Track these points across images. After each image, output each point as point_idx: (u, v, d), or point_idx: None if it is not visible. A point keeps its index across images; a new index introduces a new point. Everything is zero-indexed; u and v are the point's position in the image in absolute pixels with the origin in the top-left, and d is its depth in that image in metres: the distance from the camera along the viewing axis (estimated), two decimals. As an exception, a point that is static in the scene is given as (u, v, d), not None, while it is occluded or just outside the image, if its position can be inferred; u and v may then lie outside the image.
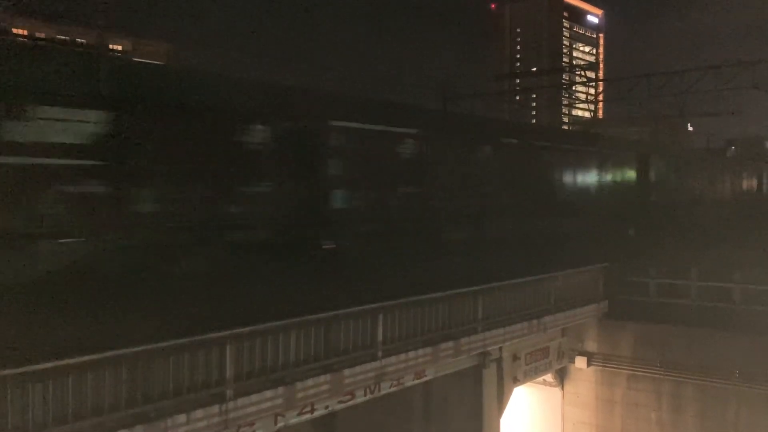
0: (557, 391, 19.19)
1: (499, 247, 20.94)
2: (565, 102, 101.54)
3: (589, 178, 30.31)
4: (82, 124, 12.74)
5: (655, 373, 17.39)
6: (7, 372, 7.32)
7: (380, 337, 11.91)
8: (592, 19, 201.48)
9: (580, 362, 18.41)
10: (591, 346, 18.52)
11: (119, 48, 76.64)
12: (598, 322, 18.39)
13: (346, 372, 11.26)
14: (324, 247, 17.14)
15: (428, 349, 12.92)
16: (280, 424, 10.49)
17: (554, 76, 75.94)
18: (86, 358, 7.94)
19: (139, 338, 8.57)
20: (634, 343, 17.89)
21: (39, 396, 7.66)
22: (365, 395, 12.01)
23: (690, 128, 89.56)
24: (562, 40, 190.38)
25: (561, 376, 19.06)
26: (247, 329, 9.69)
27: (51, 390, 7.73)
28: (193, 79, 16.93)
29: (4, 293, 10.70)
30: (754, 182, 52.38)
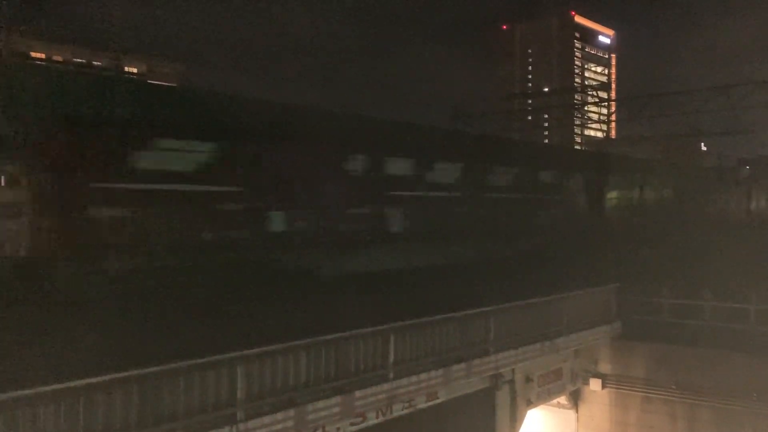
0: (571, 413, 18.96)
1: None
2: (577, 122, 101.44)
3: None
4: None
5: (670, 396, 17.15)
6: (18, 393, 7.35)
7: (392, 358, 11.85)
8: (604, 40, 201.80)
9: (594, 384, 18.19)
10: (605, 367, 18.31)
11: (134, 70, 77.63)
12: (611, 343, 18.19)
13: (358, 393, 11.19)
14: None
15: (440, 371, 12.83)
16: (291, 446, 10.42)
17: (566, 96, 75.96)
18: (97, 379, 7.96)
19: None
20: (648, 364, 17.67)
21: (50, 418, 7.68)
22: (377, 417, 11.93)
23: (703, 147, 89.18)
24: (574, 60, 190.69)
25: (575, 398, 18.83)
26: (256, 350, 9.68)
27: (62, 411, 7.75)
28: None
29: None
30: None
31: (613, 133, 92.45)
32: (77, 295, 10.42)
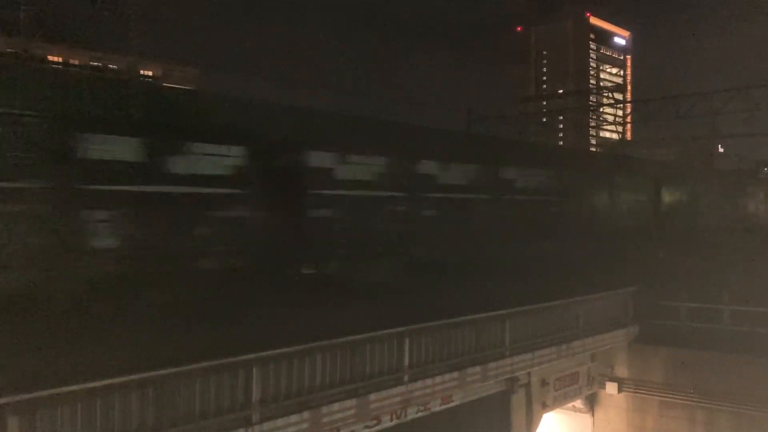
0: (587, 417, 18.82)
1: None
2: (593, 124, 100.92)
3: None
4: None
5: (688, 400, 16.97)
6: (36, 394, 7.40)
7: (407, 361, 11.82)
8: (619, 41, 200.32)
9: (611, 388, 18.05)
10: (621, 371, 18.15)
11: (150, 74, 78.16)
12: (628, 347, 18.03)
13: (372, 396, 11.17)
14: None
15: (455, 374, 12.78)
16: (306, 449, 10.39)
17: (581, 98, 75.68)
18: (113, 380, 8.00)
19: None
20: (665, 368, 17.49)
21: (68, 418, 7.71)
22: (391, 420, 11.91)
23: (720, 149, 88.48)
24: (589, 62, 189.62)
25: (591, 402, 18.69)
26: (272, 352, 9.68)
27: (79, 412, 7.79)
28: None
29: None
30: None
31: (628, 135, 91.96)
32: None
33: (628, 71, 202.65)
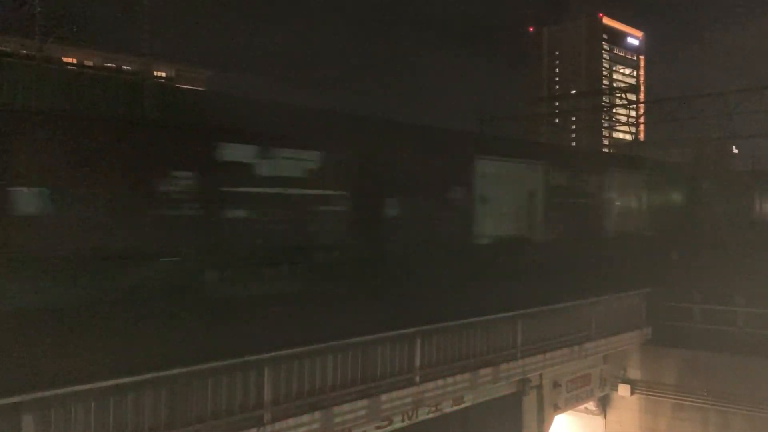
0: (599, 419, 18.72)
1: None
2: (606, 125, 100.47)
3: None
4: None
5: (702, 403, 16.84)
6: (48, 393, 7.45)
7: (418, 362, 11.81)
8: (633, 42, 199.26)
9: (623, 390, 17.95)
10: (634, 373, 18.05)
11: (163, 75, 78.58)
12: (641, 349, 17.92)
13: (384, 397, 11.16)
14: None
15: (466, 375, 12.74)
16: (317, 449, 10.40)
17: (594, 98, 75.34)
18: (127, 379, 8.04)
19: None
20: (679, 370, 17.38)
21: (81, 417, 7.77)
22: (403, 421, 11.90)
23: (735, 150, 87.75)
24: (602, 62, 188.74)
25: (603, 404, 18.60)
26: (284, 352, 9.71)
27: (93, 411, 7.83)
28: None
29: None
30: None
31: (641, 136, 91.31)
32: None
33: (642, 72, 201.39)
